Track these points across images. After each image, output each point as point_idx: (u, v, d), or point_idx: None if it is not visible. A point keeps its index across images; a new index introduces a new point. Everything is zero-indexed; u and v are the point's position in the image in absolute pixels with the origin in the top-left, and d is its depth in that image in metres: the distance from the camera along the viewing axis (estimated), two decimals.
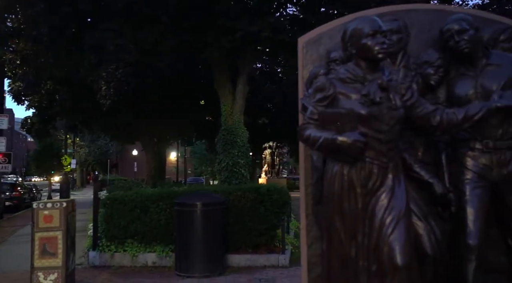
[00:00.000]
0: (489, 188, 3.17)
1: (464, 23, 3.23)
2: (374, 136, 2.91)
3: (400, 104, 2.99)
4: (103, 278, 6.53)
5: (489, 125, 3.16)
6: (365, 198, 2.92)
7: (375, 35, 2.93)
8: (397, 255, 2.78)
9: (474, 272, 3.10)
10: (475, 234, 3.08)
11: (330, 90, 3.01)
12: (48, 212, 5.38)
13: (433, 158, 3.49)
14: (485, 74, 3.23)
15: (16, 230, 12.93)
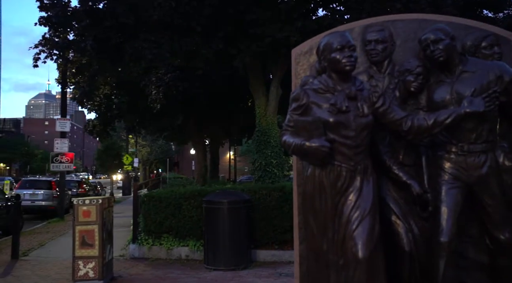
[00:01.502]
0: (465, 189, 3.34)
1: (440, 33, 3.41)
2: (341, 141, 3.19)
3: (368, 111, 3.25)
4: (139, 268, 7.16)
5: (464, 129, 3.33)
6: (334, 198, 3.20)
7: (343, 49, 3.20)
8: (359, 249, 3.04)
9: (444, 268, 3.28)
10: (446, 232, 3.26)
11: (303, 99, 3.33)
12: (86, 208, 6.05)
13: (414, 160, 3.69)
14: (460, 81, 3.39)
15: None
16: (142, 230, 8.02)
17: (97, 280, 5.96)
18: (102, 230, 6.07)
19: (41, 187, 16.77)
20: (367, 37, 3.92)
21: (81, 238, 6.01)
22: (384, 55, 3.88)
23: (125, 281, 6.41)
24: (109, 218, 6.42)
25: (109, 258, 6.41)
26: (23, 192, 16.44)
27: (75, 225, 6.05)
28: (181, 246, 7.72)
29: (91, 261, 5.98)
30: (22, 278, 6.71)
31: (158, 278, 6.49)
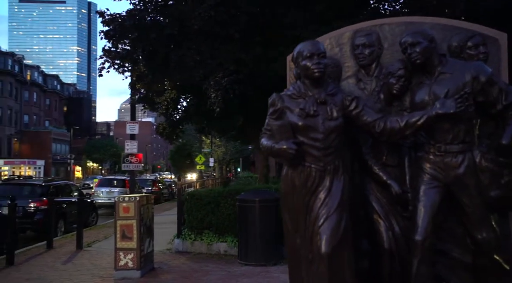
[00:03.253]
0: (443, 189, 3.41)
1: (418, 35, 3.50)
2: (310, 144, 3.40)
3: (337, 115, 3.43)
4: (180, 261, 7.73)
5: (440, 130, 3.40)
6: (305, 196, 3.42)
7: (312, 57, 3.42)
8: (322, 244, 3.23)
9: (417, 266, 3.36)
10: (421, 230, 3.35)
11: (278, 104, 3.59)
12: (125, 204, 6.71)
13: (398, 161, 3.79)
14: (438, 82, 3.47)
15: None
16: (186, 226, 8.60)
17: (135, 270, 6.59)
18: (140, 225, 6.68)
19: (116, 185, 18.31)
20: (355, 41, 4.06)
21: (122, 231, 6.67)
22: (371, 58, 3.99)
23: (163, 272, 6.99)
24: (147, 214, 7.04)
25: (148, 251, 7.03)
26: (101, 189, 18.10)
27: (117, 219, 6.73)
28: (220, 241, 8.18)
29: (130, 252, 6.62)
30: (79, 265, 7.58)
31: (193, 270, 7.00)
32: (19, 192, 11.55)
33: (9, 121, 53.85)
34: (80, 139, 68.29)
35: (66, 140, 58.73)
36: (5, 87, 53.15)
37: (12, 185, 12.45)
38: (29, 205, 11.12)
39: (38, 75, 63.66)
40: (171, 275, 6.73)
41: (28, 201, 11.19)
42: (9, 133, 53.96)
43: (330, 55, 4.26)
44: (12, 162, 51.89)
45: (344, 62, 4.20)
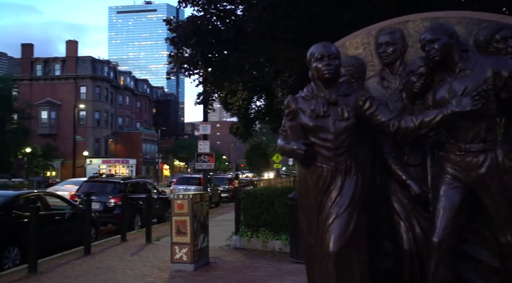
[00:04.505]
0: (465, 189, 3.30)
1: (437, 32, 3.42)
2: (321, 144, 3.47)
3: (348, 115, 3.45)
4: (235, 257, 8.03)
5: (461, 129, 3.31)
6: (317, 196, 3.48)
7: (322, 58, 3.48)
8: (331, 243, 3.28)
9: (434, 267, 3.29)
10: (438, 231, 3.29)
11: (292, 106, 3.70)
12: (180, 201, 7.14)
13: (420, 160, 3.71)
14: (458, 79, 3.37)
15: (217, 216, 15.89)
16: (243, 223, 8.90)
17: (189, 263, 7.00)
18: (193, 221, 7.08)
19: (192, 183, 19.24)
20: (379, 40, 4.03)
21: (177, 227, 7.12)
22: (395, 56, 3.94)
23: (216, 266, 7.33)
24: (201, 211, 7.42)
25: (203, 246, 7.41)
26: (178, 187, 19.14)
27: (172, 216, 7.20)
28: (275, 239, 8.35)
29: (184, 247, 7.05)
30: (143, 257, 8.20)
31: (244, 266, 7.25)
32: (101, 189, 12.71)
33: (105, 123, 58.75)
34: (168, 139, 72.34)
35: (154, 140, 62.65)
36: (102, 92, 58.07)
37: (95, 183, 13.69)
38: (109, 201, 12.17)
39: (130, 80, 68.62)
40: (222, 270, 7.04)
41: (108, 197, 12.25)
42: (106, 134, 58.85)
43: (355, 54, 4.26)
44: (108, 161, 56.55)
45: (368, 61, 4.16)
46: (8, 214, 7.90)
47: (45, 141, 52.44)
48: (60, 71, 57.49)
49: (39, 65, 58.21)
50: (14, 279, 6.66)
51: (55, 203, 9.75)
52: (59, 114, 55.37)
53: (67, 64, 57.49)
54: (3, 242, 7.63)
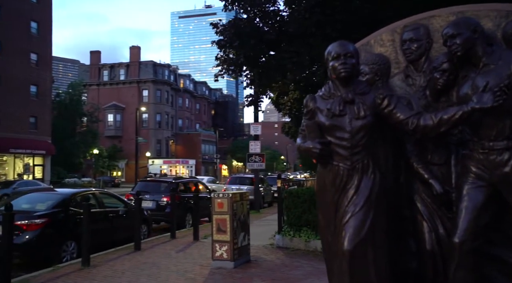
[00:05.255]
0: (489, 188, 3.18)
1: (460, 26, 3.35)
2: (337, 143, 3.48)
3: (365, 114, 3.43)
4: (276, 256, 8.11)
5: (484, 126, 3.22)
6: (334, 195, 3.50)
7: (339, 57, 3.49)
8: (345, 241, 3.29)
9: (455, 270, 3.22)
10: (460, 232, 3.21)
11: (310, 105, 3.74)
12: (220, 200, 7.33)
13: (444, 158, 3.63)
14: (481, 74, 3.28)
15: (268, 216, 16.01)
16: (286, 222, 8.94)
17: (229, 261, 7.17)
18: (233, 220, 7.24)
19: (245, 182, 19.53)
20: (403, 37, 3.98)
21: (217, 225, 7.31)
22: (419, 53, 3.86)
23: (256, 264, 7.45)
24: (241, 210, 7.56)
25: (243, 244, 7.55)
26: (231, 187, 19.49)
27: (213, 214, 7.40)
28: (317, 239, 8.31)
29: (224, 244, 7.23)
30: (188, 254, 8.50)
31: (283, 265, 7.31)
32: (154, 188, 13.27)
33: (166, 125, 61.01)
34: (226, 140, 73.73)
35: (213, 141, 64.10)
36: (163, 95, 60.38)
37: (149, 182, 14.31)
38: (161, 199, 12.68)
39: (189, 83, 70.74)
40: (261, 268, 7.14)
41: (161, 196, 12.77)
42: (167, 136, 61.10)
43: (380, 52, 4.21)
44: (169, 162, 58.69)
45: (393, 59, 4.10)
46: (65, 211, 8.50)
47: (111, 143, 55.44)
48: (124, 76, 60.52)
49: (105, 71, 61.62)
50: (68, 271, 7.17)
51: (110, 202, 10.34)
52: (124, 117, 58.29)
53: (131, 69, 60.39)
54: (61, 237, 8.23)
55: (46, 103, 38.19)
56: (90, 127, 49.29)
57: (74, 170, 45.28)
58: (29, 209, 8.38)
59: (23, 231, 7.72)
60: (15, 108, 34.20)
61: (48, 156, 37.53)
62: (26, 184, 25.39)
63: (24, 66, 35.62)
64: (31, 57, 36.75)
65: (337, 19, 8.75)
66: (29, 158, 36.47)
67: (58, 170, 40.63)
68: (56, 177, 38.76)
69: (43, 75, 37.79)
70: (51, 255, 7.99)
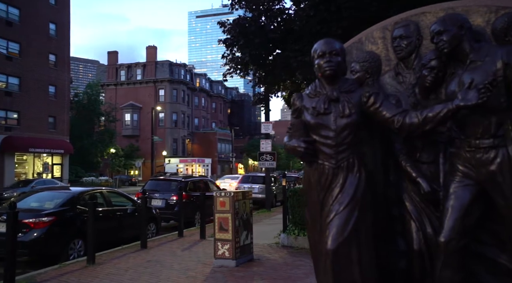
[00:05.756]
0: (476, 187, 3.13)
1: (446, 22, 3.31)
2: (322, 141, 3.47)
3: (349, 112, 3.41)
4: (279, 255, 8.09)
5: (470, 124, 3.17)
6: (320, 193, 3.49)
7: (324, 55, 3.48)
8: (328, 240, 3.27)
9: (441, 269, 3.19)
10: (445, 231, 3.18)
11: (296, 104, 3.73)
12: (222, 199, 7.35)
13: (432, 157, 3.59)
14: (468, 71, 3.24)
15: (277, 215, 15.98)
16: (290, 221, 8.92)
17: (231, 259, 7.19)
18: (235, 218, 7.25)
19: (257, 181, 19.53)
20: (393, 34, 3.96)
21: (219, 224, 7.34)
22: (409, 50, 3.83)
23: (259, 263, 7.44)
24: (244, 209, 7.57)
25: (246, 243, 7.56)
26: (243, 185, 19.53)
27: (215, 213, 7.42)
28: None
29: (226, 243, 7.25)
30: (193, 252, 8.55)
31: (285, 264, 7.29)
32: (164, 187, 13.37)
33: (182, 124, 61.45)
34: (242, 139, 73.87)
35: (229, 140, 64.37)
36: (179, 94, 60.82)
37: (159, 181, 14.43)
38: (171, 198, 12.77)
39: (205, 82, 71.06)
40: (263, 266, 7.14)
41: (170, 195, 12.86)
42: (183, 135, 61.53)
43: (372, 49, 4.17)
44: (185, 160, 59.10)
45: (384, 56, 4.06)
46: (73, 209, 8.64)
47: (128, 142, 56.11)
48: (141, 76, 61.15)
49: (122, 71, 62.36)
50: (74, 269, 7.29)
51: (118, 200, 10.46)
52: (141, 116, 58.92)
53: (147, 68, 60.99)
54: (68, 235, 8.37)
55: (64, 103, 38.83)
56: (107, 127, 49.97)
57: (92, 169, 45.98)
58: (38, 207, 8.54)
59: (31, 229, 7.88)
60: (34, 109, 34.91)
61: (66, 155, 38.17)
62: (44, 182, 25.87)
63: (43, 67, 36.29)
64: (50, 58, 37.38)
65: (342, 16, 8.67)
66: (48, 157, 37.18)
67: (77, 169, 41.30)
68: (74, 176, 39.41)
69: (61, 76, 38.43)
70: (58, 252, 8.12)
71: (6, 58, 33.21)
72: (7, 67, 33.22)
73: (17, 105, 33.81)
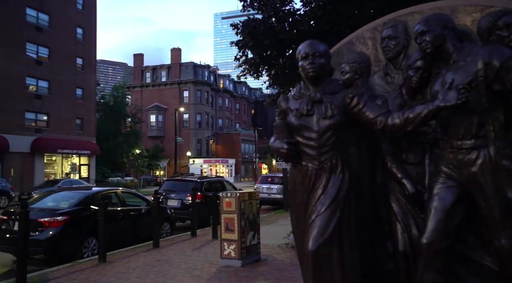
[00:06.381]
0: (459, 189, 3.11)
1: (430, 22, 3.31)
2: (305, 143, 3.50)
3: (332, 113, 3.43)
4: (287, 255, 8.10)
5: (452, 124, 3.17)
6: (303, 195, 3.52)
7: (307, 57, 3.52)
8: (309, 241, 3.28)
9: (423, 271, 3.19)
10: (428, 233, 3.18)
11: (282, 105, 3.78)
12: (228, 199, 7.42)
13: (419, 158, 3.58)
14: (451, 71, 3.22)
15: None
16: None
17: (237, 259, 7.25)
18: (241, 219, 7.31)
19: (275, 182, 19.55)
20: (382, 34, 3.96)
21: (226, 224, 7.41)
22: (397, 50, 3.83)
23: (265, 263, 7.48)
24: (250, 209, 7.62)
25: (252, 243, 7.60)
26: (262, 186, 19.59)
27: (221, 213, 7.50)
28: None
29: (232, 243, 7.32)
30: (202, 252, 8.66)
31: (291, 264, 7.30)
32: (180, 187, 13.56)
33: (206, 125, 62.02)
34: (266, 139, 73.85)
35: (252, 141, 64.47)
36: (203, 95, 61.41)
37: (176, 182, 14.63)
38: (186, 198, 12.94)
39: (229, 83, 71.46)
40: (268, 267, 7.18)
41: (186, 195, 13.03)
42: (207, 136, 62.09)
43: (362, 50, 4.17)
44: (209, 161, 59.61)
45: (374, 57, 4.06)
46: (87, 209, 8.88)
47: (153, 143, 57.01)
48: (165, 77, 62.04)
49: (148, 73, 63.42)
50: (85, 267, 7.51)
51: (133, 200, 10.69)
52: (166, 117, 59.78)
53: (172, 70, 61.83)
54: (82, 234, 8.61)
55: (91, 105, 39.82)
56: (133, 128, 50.91)
57: (118, 170, 46.95)
58: (54, 207, 8.82)
59: (46, 227, 8.15)
60: (62, 111, 35.99)
61: (93, 156, 39.12)
62: (70, 182, 26.58)
63: (71, 70, 37.35)
64: (77, 62, 38.43)
65: (350, 15, 8.62)
66: (75, 158, 38.20)
67: (103, 170, 42.25)
68: (101, 176, 40.33)
69: (88, 78, 39.43)
70: (73, 251, 8.37)
71: (36, 62, 34.38)
72: (37, 71, 34.37)
73: (46, 107, 34.91)
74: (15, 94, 32.15)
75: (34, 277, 6.74)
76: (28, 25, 33.84)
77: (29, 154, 33.30)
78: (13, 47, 32.08)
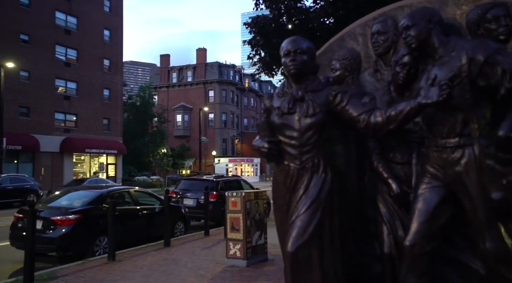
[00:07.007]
0: (445, 189, 3.01)
1: (415, 17, 3.22)
2: (286, 142, 3.44)
3: (313, 111, 3.34)
4: None
5: (436, 122, 3.07)
6: (286, 194, 3.46)
7: (289, 54, 3.45)
8: (289, 242, 3.21)
9: (405, 274, 3.11)
10: (411, 235, 3.09)
11: (266, 104, 3.72)
12: (234, 199, 7.38)
13: (406, 157, 3.48)
14: (436, 67, 3.11)
15: None
16: None
17: (242, 259, 7.20)
18: (246, 218, 7.26)
19: None
20: (371, 29, 3.87)
21: (231, 224, 7.37)
22: (386, 46, 3.75)
23: (271, 263, 7.40)
24: (256, 209, 7.55)
25: (259, 243, 7.53)
26: None
27: (227, 213, 7.47)
28: None
29: (237, 243, 7.27)
30: (210, 252, 8.66)
31: None
32: (196, 186, 13.62)
33: (231, 124, 62.27)
34: None
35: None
36: (228, 95, 61.67)
37: (192, 181, 14.71)
38: (201, 197, 12.96)
39: (254, 82, 71.48)
40: (274, 267, 7.09)
41: (201, 194, 13.05)
42: (232, 135, 62.34)
43: (353, 46, 4.08)
44: (234, 160, 59.83)
45: (364, 53, 3.96)
46: (99, 208, 9.02)
47: (180, 142, 57.67)
48: (191, 78, 62.62)
49: (174, 73, 64.20)
50: (94, 265, 7.62)
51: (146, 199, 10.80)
52: (191, 117, 60.35)
53: (197, 70, 62.36)
54: (93, 232, 8.75)
55: (118, 106, 40.61)
56: (159, 128, 51.62)
57: (145, 169, 47.71)
58: (67, 205, 9.00)
59: (58, 225, 8.32)
60: (90, 111, 36.89)
61: (120, 155, 39.89)
62: (96, 181, 27.15)
63: (98, 72, 38.22)
64: (104, 63, 39.27)
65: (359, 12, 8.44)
66: (103, 157, 39.04)
67: (130, 169, 43.02)
68: (127, 175, 41.08)
69: (115, 79, 40.23)
70: (85, 249, 8.52)
71: (65, 64, 35.36)
72: (66, 73, 35.33)
73: (74, 108, 35.85)
74: (45, 96, 33.18)
75: (43, 275, 6.88)
76: (57, 28, 34.83)
77: (59, 154, 34.27)
78: (44, 49, 33.11)
